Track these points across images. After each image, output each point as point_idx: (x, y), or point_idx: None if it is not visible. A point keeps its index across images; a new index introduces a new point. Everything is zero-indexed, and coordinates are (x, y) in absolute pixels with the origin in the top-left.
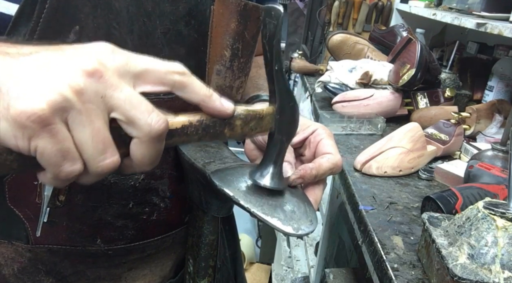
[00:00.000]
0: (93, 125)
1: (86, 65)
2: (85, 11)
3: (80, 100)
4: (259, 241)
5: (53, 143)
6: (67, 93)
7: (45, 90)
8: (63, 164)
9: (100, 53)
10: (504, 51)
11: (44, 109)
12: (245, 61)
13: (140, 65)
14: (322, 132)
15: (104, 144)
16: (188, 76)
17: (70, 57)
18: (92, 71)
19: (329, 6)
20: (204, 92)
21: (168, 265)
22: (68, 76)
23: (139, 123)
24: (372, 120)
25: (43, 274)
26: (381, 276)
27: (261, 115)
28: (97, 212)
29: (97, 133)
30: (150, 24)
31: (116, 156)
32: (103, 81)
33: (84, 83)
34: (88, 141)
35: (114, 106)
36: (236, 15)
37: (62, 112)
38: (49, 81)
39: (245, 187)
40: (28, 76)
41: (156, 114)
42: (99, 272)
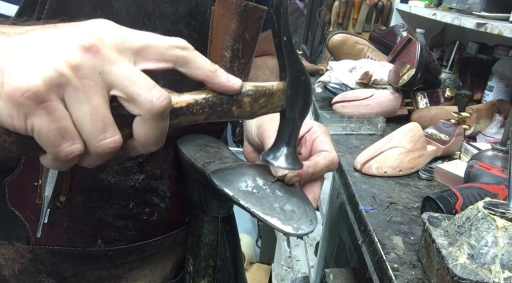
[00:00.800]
0: (91, 102)
1: (83, 40)
2: (85, 12)
3: (76, 76)
4: (259, 241)
5: (50, 121)
6: (63, 69)
7: (39, 66)
8: (62, 144)
9: (97, 28)
10: (504, 51)
11: (39, 85)
12: (245, 61)
13: (140, 40)
14: (318, 130)
15: (104, 123)
16: (190, 50)
17: (66, 33)
18: (89, 46)
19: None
20: (209, 67)
21: (168, 266)
22: (64, 52)
23: (140, 99)
24: (372, 120)
25: (44, 275)
26: (381, 276)
27: (271, 91)
28: (97, 212)
29: (96, 111)
30: (150, 24)
31: (117, 135)
32: (101, 57)
33: (81, 58)
34: (86, 119)
35: (113, 83)
36: (237, 15)
37: (58, 89)
38: (44, 57)
39: (245, 187)
40: (23, 53)
41: (158, 90)
42: (99, 273)
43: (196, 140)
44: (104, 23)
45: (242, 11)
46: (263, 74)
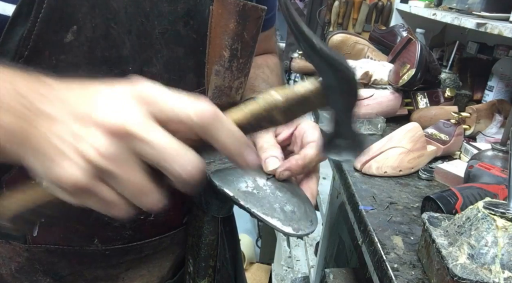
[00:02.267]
0: (127, 178)
1: (112, 124)
2: (83, 11)
3: (109, 162)
4: (259, 241)
5: (95, 200)
6: (97, 160)
7: (76, 158)
8: (112, 210)
9: (124, 104)
10: (504, 51)
11: (80, 179)
12: (244, 61)
13: (164, 111)
14: (305, 125)
15: (142, 191)
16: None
17: (98, 114)
18: (118, 131)
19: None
20: (228, 147)
21: (166, 266)
22: (97, 141)
23: (169, 172)
24: (372, 120)
25: (41, 274)
26: (381, 276)
27: (305, 96)
28: (94, 212)
29: (133, 184)
30: (148, 24)
31: (156, 196)
32: (130, 138)
33: (112, 145)
34: (127, 192)
35: (145, 157)
36: (235, 15)
37: (96, 176)
38: (80, 147)
39: (245, 187)
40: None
41: (186, 161)
42: (96, 272)
43: None
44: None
45: (240, 11)
46: (263, 73)
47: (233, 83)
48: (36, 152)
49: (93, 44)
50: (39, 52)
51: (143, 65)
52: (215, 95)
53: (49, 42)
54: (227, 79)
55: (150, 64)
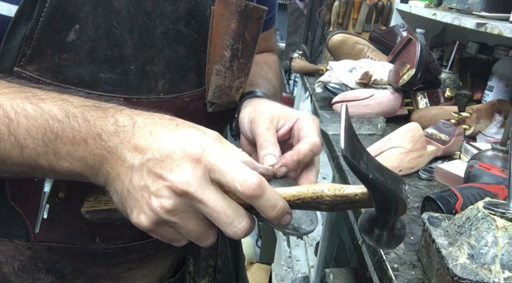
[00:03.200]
0: (187, 226)
1: (177, 186)
2: (85, 10)
3: (172, 215)
4: (259, 241)
5: (162, 237)
6: (161, 214)
7: (146, 210)
8: (174, 243)
9: (188, 166)
10: (504, 51)
11: (148, 225)
12: (244, 61)
13: (220, 178)
14: (304, 119)
15: (198, 237)
16: (258, 196)
17: (167, 173)
18: (181, 193)
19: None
20: (270, 215)
21: (167, 265)
22: (163, 198)
23: (224, 229)
24: (372, 120)
25: (43, 272)
26: (381, 276)
27: (353, 200)
28: None
29: (191, 231)
30: (150, 23)
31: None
32: (190, 198)
33: (175, 202)
34: (187, 235)
35: (202, 212)
36: (237, 15)
37: (160, 224)
38: (150, 201)
39: None
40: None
41: (239, 221)
42: (98, 270)
43: None
44: (195, 154)
45: (242, 11)
46: (261, 70)
47: (234, 82)
48: (116, 192)
49: (95, 43)
50: (41, 51)
51: (145, 64)
52: (215, 94)
53: (51, 41)
54: (228, 79)
55: (152, 63)
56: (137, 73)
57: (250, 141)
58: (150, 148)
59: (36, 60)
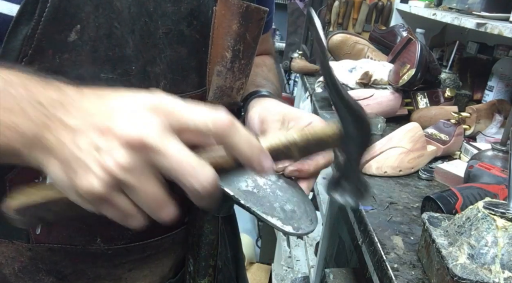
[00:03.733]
0: (144, 190)
1: (131, 137)
2: (87, 10)
3: (128, 174)
4: (259, 241)
5: (113, 209)
6: (116, 172)
7: (97, 170)
8: (127, 221)
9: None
10: (504, 51)
11: (100, 190)
12: (246, 62)
13: (181, 122)
14: (318, 125)
15: (158, 203)
16: (229, 132)
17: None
18: (137, 144)
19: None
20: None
21: (167, 265)
22: (116, 153)
23: (186, 187)
24: (372, 120)
25: (44, 273)
26: (381, 276)
27: (323, 138)
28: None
29: (149, 196)
30: (152, 24)
31: (171, 209)
32: (148, 151)
33: (131, 158)
34: (143, 203)
35: (162, 169)
36: (238, 16)
37: (115, 186)
38: (100, 160)
39: (245, 186)
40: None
41: (202, 176)
42: (99, 271)
43: None
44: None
45: (243, 12)
46: (262, 71)
47: (235, 84)
48: (57, 161)
49: (97, 44)
50: (42, 51)
51: (146, 65)
52: (216, 95)
53: (53, 41)
54: (229, 80)
55: (154, 64)
56: (138, 74)
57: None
58: (97, 107)
59: (37, 60)
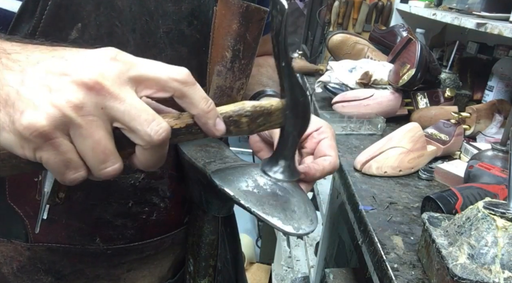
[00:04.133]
0: (93, 136)
1: (86, 77)
2: (88, 9)
3: (79, 114)
4: (259, 241)
5: (56, 154)
6: (66, 109)
7: (46, 106)
8: (67, 172)
9: (100, 62)
10: (504, 51)
11: (44, 125)
12: (246, 62)
13: (141, 71)
14: (326, 131)
15: (105, 154)
16: (189, 85)
17: (72, 68)
18: (92, 85)
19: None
20: (202, 107)
21: (166, 266)
22: (68, 91)
23: (139, 133)
24: (372, 120)
25: (42, 272)
26: (381, 276)
27: (270, 111)
28: (96, 210)
29: (98, 144)
30: (153, 23)
31: (117, 163)
32: (103, 93)
33: (84, 97)
34: (89, 151)
35: (115, 117)
36: (238, 16)
37: (62, 126)
38: (50, 96)
39: (246, 186)
40: (32, 90)
41: (157, 123)
42: (98, 271)
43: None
44: (108, 54)
45: (243, 12)
46: (266, 71)
47: (235, 83)
48: (3, 103)
49: (97, 42)
50: None
51: None
52: (216, 95)
53: (54, 39)
54: (229, 80)
55: None
56: None
57: (262, 138)
58: (52, 54)
59: None
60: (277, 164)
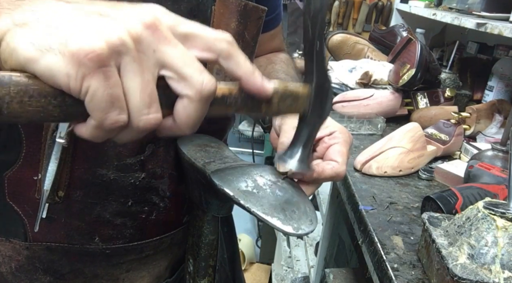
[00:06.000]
0: (143, 76)
1: (144, 17)
2: None
3: (136, 47)
4: (259, 241)
5: (106, 86)
6: (126, 38)
7: (105, 31)
8: (111, 111)
9: (156, 10)
10: (504, 51)
11: (103, 48)
12: None
13: (191, 28)
14: (339, 136)
15: (151, 98)
16: (235, 47)
17: (129, 9)
18: (149, 23)
19: (329, 6)
20: (248, 66)
21: (164, 266)
22: (128, 23)
23: (192, 80)
24: (372, 120)
25: (41, 272)
26: (381, 276)
27: (298, 94)
28: (95, 209)
29: (146, 85)
30: None
31: (159, 113)
32: (158, 35)
33: (142, 32)
34: (136, 91)
35: (167, 62)
36: (236, 15)
37: (118, 55)
38: (110, 25)
39: (245, 186)
40: (90, 20)
41: (207, 74)
42: (97, 271)
43: (196, 140)
44: (161, 8)
45: (242, 11)
46: (281, 67)
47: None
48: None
49: None
50: None
51: None
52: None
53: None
54: (228, 79)
55: None
56: None
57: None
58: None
59: None
60: (294, 153)
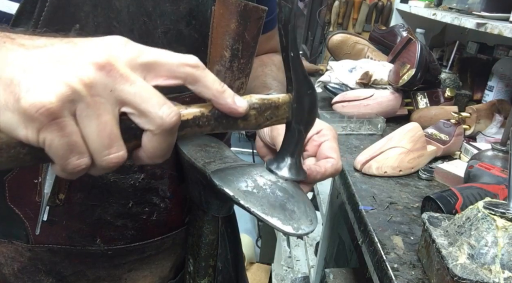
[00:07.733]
0: (100, 118)
1: (97, 58)
2: (86, 10)
3: (89, 93)
4: (259, 241)
5: (61, 136)
6: (76, 85)
7: (54, 83)
8: (70, 157)
9: (111, 46)
10: (504, 51)
11: (53, 102)
12: (245, 62)
13: (152, 57)
14: (327, 133)
15: (110, 139)
16: (201, 69)
17: (82, 50)
18: (103, 64)
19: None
20: (217, 87)
21: (168, 266)
22: (79, 69)
23: (151, 116)
24: (372, 120)
25: (43, 274)
26: (381, 276)
27: (277, 104)
28: (96, 211)
29: (104, 127)
30: (151, 23)
31: (122, 151)
32: (113, 75)
33: (94, 76)
34: (94, 135)
35: (125, 100)
36: (236, 15)
37: (70, 105)
38: (59, 74)
39: (245, 186)
40: (40, 68)
41: (168, 107)
42: (99, 272)
43: (196, 140)
44: (118, 40)
45: (242, 11)
46: (271, 71)
47: (234, 83)
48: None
49: None
50: None
51: None
52: None
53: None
54: (228, 79)
55: None
56: None
57: (266, 144)
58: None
59: None
60: (283, 161)
